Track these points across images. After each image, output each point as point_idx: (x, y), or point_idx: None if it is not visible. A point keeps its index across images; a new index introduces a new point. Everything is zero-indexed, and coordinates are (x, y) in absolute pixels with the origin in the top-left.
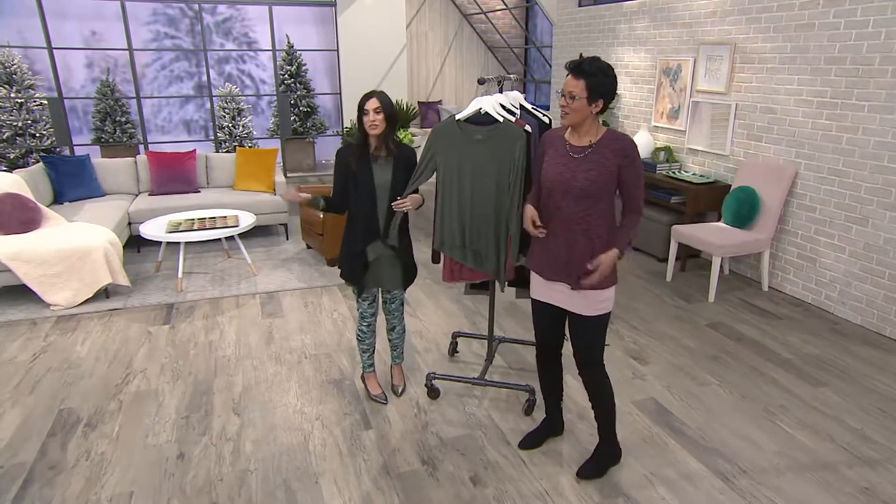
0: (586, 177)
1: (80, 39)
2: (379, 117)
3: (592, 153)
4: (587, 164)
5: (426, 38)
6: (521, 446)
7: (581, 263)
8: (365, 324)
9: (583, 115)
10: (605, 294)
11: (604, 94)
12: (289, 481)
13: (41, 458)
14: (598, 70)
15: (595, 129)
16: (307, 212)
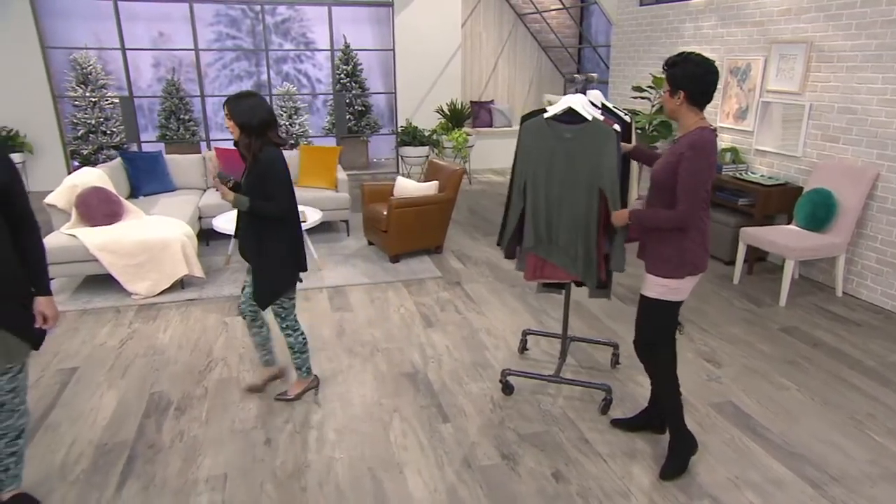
0: (657, 169)
1: (149, 40)
2: (230, 123)
3: (673, 147)
4: (662, 158)
5: (480, 37)
6: (613, 423)
7: (648, 247)
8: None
9: (670, 107)
10: (662, 281)
11: (684, 85)
12: (374, 470)
13: (140, 438)
14: (677, 61)
15: (689, 123)
16: (370, 209)
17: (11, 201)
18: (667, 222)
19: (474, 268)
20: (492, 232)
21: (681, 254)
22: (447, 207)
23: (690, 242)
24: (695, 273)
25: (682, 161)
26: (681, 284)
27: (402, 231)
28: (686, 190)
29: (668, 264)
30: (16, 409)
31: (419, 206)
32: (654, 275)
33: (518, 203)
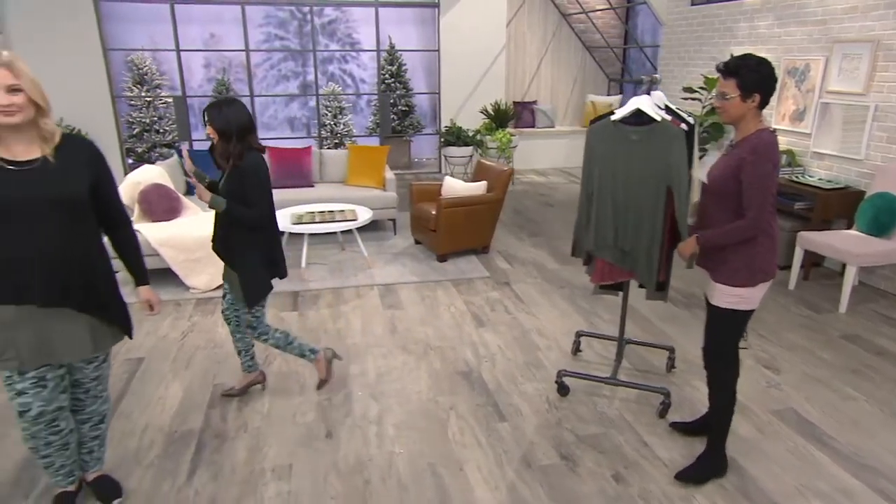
0: (713, 174)
1: (201, 42)
2: (210, 130)
3: (732, 152)
4: (721, 163)
5: (524, 37)
6: (672, 426)
7: (712, 256)
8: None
9: (738, 112)
10: (733, 290)
11: (758, 88)
12: (434, 466)
13: (206, 427)
14: (747, 66)
15: (751, 127)
16: (419, 208)
17: (104, 197)
18: (738, 235)
19: (522, 268)
20: (537, 233)
21: (751, 261)
22: (495, 208)
23: (760, 248)
24: (766, 280)
25: (744, 166)
26: (752, 293)
27: (450, 230)
28: (753, 195)
29: (739, 273)
30: (99, 395)
31: (468, 206)
32: (724, 284)
33: (587, 209)
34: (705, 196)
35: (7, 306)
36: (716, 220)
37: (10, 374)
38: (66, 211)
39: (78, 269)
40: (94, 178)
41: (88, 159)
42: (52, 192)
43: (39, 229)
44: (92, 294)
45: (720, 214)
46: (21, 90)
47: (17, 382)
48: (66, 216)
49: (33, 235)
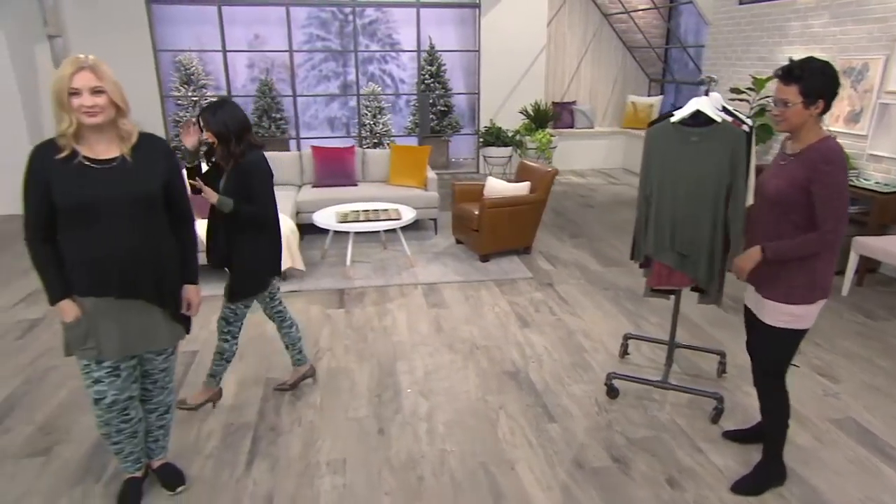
0: (775, 185)
1: (245, 42)
2: (207, 134)
3: (794, 162)
4: (783, 173)
5: (564, 37)
6: (725, 435)
7: (766, 271)
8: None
9: (799, 120)
10: (789, 308)
11: (823, 94)
12: (486, 465)
13: (261, 420)
14: (812, 71)
15: (812, 136)
16: (461, 208)
17: (173, 195)
18: (809, 249)
19: (564, 269)
20: (578, 234)
21: (811, 277)
22: (538, 208)
23: (821, 263)
24: (824, 297)
25: (817, 178)
26: (810, 311)
27: (493, 231)
28: (831, 208)
29: (797, 290)
30: (166, 386)
31: (511, 207)
32: (781, 302)
33: (644, 211)
34: (760, 207)
35: (88, 298)
36: (773, 233)
37: (87, 362)
38: (142, 207)
39: (151, 263)
40: (167, 177)
41: (162, 158)
42: (130, 189)
43: (118, 225)
44: (163, 288)
45: (780, 227)
46: (104, 92)
47: (94, 371)
48: (142, 213)
49: (113, 231)
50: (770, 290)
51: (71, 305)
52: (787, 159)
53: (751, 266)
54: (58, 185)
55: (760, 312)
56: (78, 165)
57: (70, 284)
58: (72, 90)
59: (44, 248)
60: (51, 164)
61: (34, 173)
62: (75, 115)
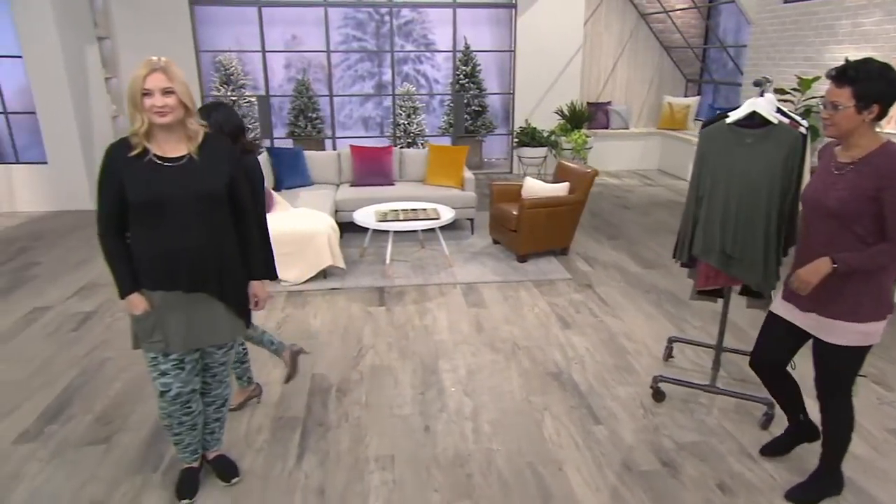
0: (836, 197)
1: (282, 43)
2: None
3: (853, 171)
4: (842, 183)
5: (600, 37)
6: (763, 452)
7: (825, 291)
8: None
9: (850, 125)
10: (860, 327)
11: (879, 98)
12: (533, 465)
13: (309, 415)
14: (869, 73)
15: (867, 142)
16: (499, 208)
17: (237, 192)
18: (886, 259)
19: (603, 271)
20: (615, 235)
21: (878, 293)
22: (577, 209)
23: (886, 277)
24: (891, 312)
25: (889, 184)
26: (878, 328)
27: (532, 231)
28: None
29: (865, 308)
30: (223, 380)
31: (550, 207)
32: (848, 321)
33: (693, 212)
34: (811, 219)
35: (156, 292)
36: (830, 247)
37: (155, 355)
38: (208, 204)
39: (215, 258)
40: (231, 175)
41: (226, 157)
42: (197, 187)
43: (186, 221)
44: (227, 282)
45: (837, 240)
46: (174, 92)
47: (161, 364)
48: (208, 209)
49: (181, 227)
50: (831, 309)
51: (140, 299)
52: (844, 168)
53: (818, 280)
54: (130, 182)
55: (823, 333)
56: (149, 163)
57: (139, 279)
58: (144, 91)
59: (115, 243)
60: (123, 162)
61: (108, 171)
62: (147, 114)
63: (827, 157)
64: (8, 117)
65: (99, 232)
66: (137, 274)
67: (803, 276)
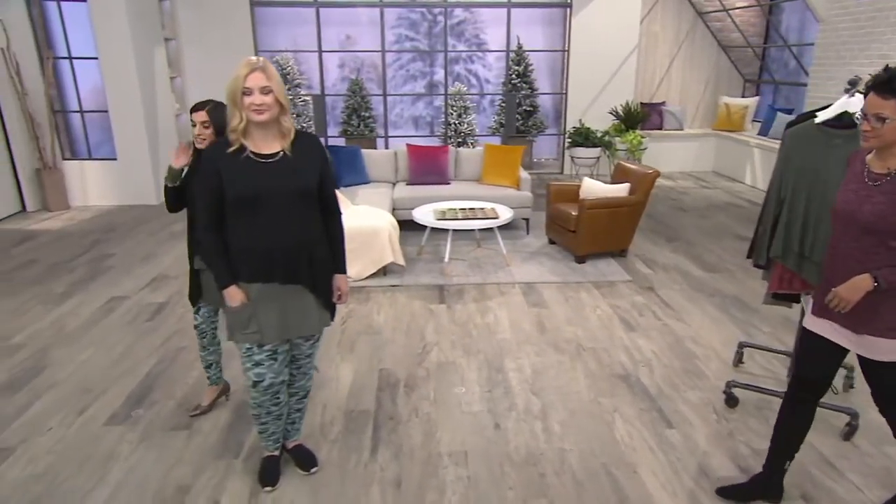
0: (872, 210)
1: (337, 43)
2: (207, 131)
3: (891, 182)
4: (879, 196)
5: (656, 37)
6: (719, 493)
7: (860, 308)
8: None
9: (893, 137)
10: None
11: None
12: (607, 466)
13: (379, 409)
14: None
15: None
16: (556, 209)
17: (324, 187)
18: None
19: (664, 274)
20: (674, 238)
21: None
22: (638, 210)
23: None
24: None
25: None
26: None
27: (591, 232)
28: None
29: None
30: (307, 372)
31: (611, 208)
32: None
33: (773, 212)
34: (842, 233)
35: (253, 284)
36: (864, 262)
37: (249, 346)
38: (300, 200)
39: (308, 251)
40: (320, 171)
41: (317, 153)
42: (291, 183)
43: (281, 216)
44: (318, 275)
45: (871, 255)
46: (271, 91)
47: (256, 355)
48: (301, 204)
49: (276, 221)
50: (872, 327)
51: (237, 291)
52: (881, 179)
53: (858, 298)
54: (228, 177)
55: (868, 351)
56: (246, 160)
57: (235, 271)
58: (244, 89)
59: (214, 238)
60: (222, 159)
61: (208, 167)
62: (245, 112)
63: (858, 165)
64: (83, 116)
65: (198, 226)
66: (234, 267)
67: (843, 295)
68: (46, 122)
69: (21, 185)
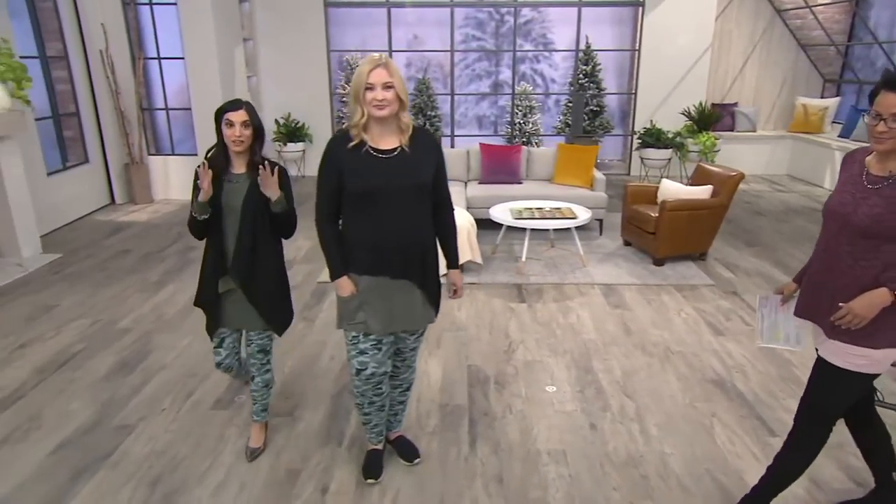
0: (868, 213)
1: (405, 43)
2: (247, 132)
3: (890, 186)
4: (876, 199)
5: (730, 35)
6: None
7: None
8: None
9: None
10: (861, 351)
11: None
12: (712, 472)
13: (473, 404)
14: None
15: None
16: (634, 210)
17: (438, 183)
18: None
19: (747, 279)
20: (753, 242)
21: None
22: (720, 213)
23: None
24: None
25: None
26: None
27: (671, 234)
28: None
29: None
30: (411, 365)
31: (693, 210)
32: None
33: None
34: (835, 238)
35: (364, 276)
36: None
37: (356, 334)
38: (416, 195)
39: (420, 247)
40: (436, 167)
41: (433, 149)
42: (408, 178)
43: (397, 211)
44: (428, 271)
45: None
46: (393, 87)
47: (361, 343)
48: (415, 200)
49: (392, 216)
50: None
51: (348, 282)
52: (881, 182)
53: (874, 314)
54: (349, 172)
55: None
56: (366, 155)
57: (348, 263)
58: (367, 85)
59: (330, 229)
60: (343, 153)
61: (329, 161)
62: (367, 107)
63: (856, 166)
64: (168, 113)
65: (317, 219)
66: (347, 258)
67: (858, 311)
68: (136, 119)
69: (111, 179)
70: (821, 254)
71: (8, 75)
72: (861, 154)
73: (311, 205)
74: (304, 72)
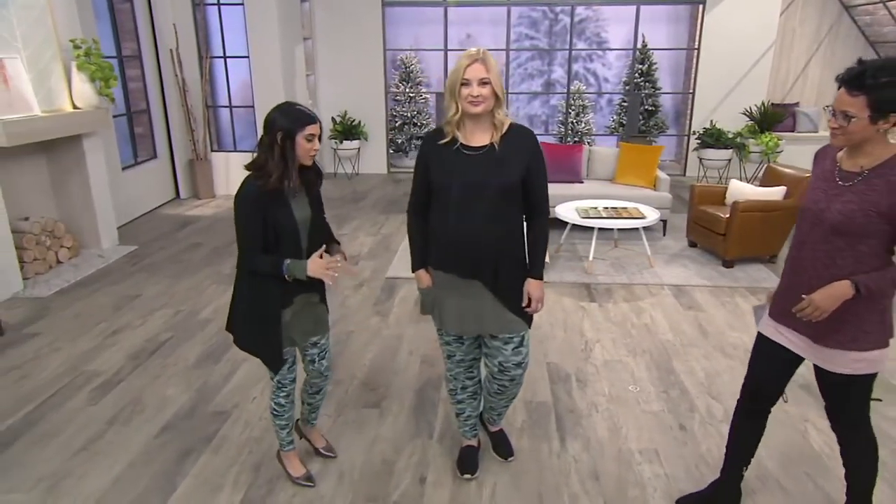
0: (841, 210)
1: (457, 42)
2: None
3: (862, 182)
4: (850, 195)
5: (793, 33)
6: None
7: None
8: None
9: (861, 136)
10: (862, 355)
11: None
12: (812, 476)
13: (557, 402)
14: (892, 79)
15: (879, 150)
16: (701, 210)
17: (529, 187)
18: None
19: None
20: None
21: (882, 316)
22: (793, 215)
23: (890, 301)
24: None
25: None
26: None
27: (742, 236)
28: None
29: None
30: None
31: (765, 212)
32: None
33: None
34: (808, 235)
35: (437, 271)
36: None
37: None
38: (497, 194)
39: (494, 248)
40: (527, 167)
41: (527, 149)
42: (490, 177)
43: (473, 208)
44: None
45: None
46: (489, 83)
47: (445, 335)
48: (497, 199)
49: (468, 213)
50: (833, 339)
51: (425, 275)
52: (852, 179)
53: (836, 306)
54: (434, 167)
55: (821, 360)
56: (455, 151)
57: (429, 257)
58: (463, 80)
59: (417, 221)
60: (433, 148)
61: (421, 155)
62: (462, 102)
63: (828, 162)
64: (231, 110)
65: (408, 210)
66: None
67: (819, 303)
68: (201, 116)
69: (177, 174)
70: (794, 253)
71: (98, 74)
72: (833, 150)
73: (365, 202)
74: (361, 70)
